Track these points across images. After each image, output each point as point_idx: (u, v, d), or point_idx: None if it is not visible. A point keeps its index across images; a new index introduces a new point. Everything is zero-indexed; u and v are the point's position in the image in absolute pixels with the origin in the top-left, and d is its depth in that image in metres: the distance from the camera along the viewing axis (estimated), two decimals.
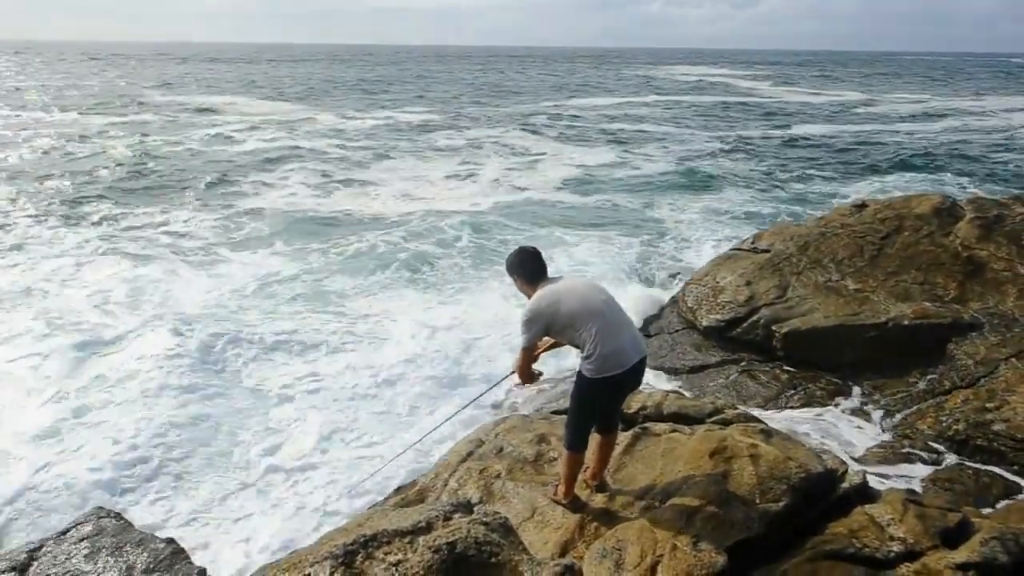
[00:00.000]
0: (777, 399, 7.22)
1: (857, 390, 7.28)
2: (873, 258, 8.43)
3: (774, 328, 7.82)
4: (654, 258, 12.70)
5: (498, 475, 4.77)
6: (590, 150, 26.12)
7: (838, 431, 6.62)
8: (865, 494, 4.35)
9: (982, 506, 5.19)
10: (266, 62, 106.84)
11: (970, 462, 6.02)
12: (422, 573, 3.10)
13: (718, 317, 8.33)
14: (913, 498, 4.29)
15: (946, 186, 19.74)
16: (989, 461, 5.97)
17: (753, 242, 9.88)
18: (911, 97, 53.31)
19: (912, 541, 3.85)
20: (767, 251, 9.23)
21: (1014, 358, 6.76)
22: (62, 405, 7.30)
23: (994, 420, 6.13)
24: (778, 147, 27.11)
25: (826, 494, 4.26)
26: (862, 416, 6.88)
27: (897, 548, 3.83)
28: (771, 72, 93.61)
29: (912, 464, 6.04)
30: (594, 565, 3.79)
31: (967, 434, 6.17)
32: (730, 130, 32.71)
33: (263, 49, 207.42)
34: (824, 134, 30.88)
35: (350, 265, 12.24)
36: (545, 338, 4.15)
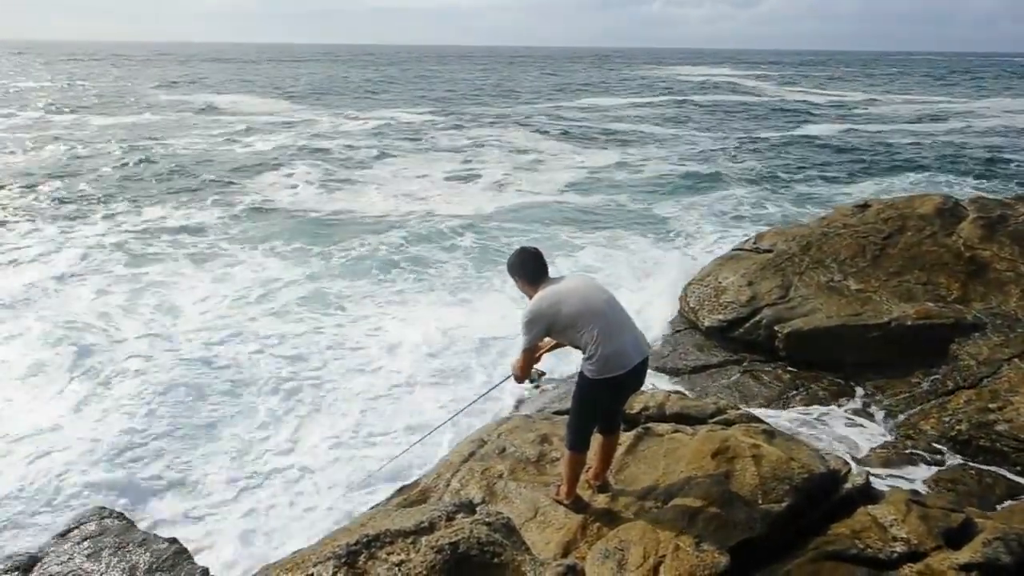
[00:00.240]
0: (779, 399, 7.22)
1: (860, 390, 7.27)
2: (876, 258, 8.42)
3: (776, 328, 7.82)
4: (658, 259, 12.68)
5: (500, 475, 4.77)
6: (592, 150, 26.11)
7: (841, 432, 6.62)
8: (868, 495, 4.35)
9: (985, 507, 5.18)
10: (267, 62, 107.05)
11: (973, 463, 6.02)
12: (425, 573, 3.10)
13: (720, 317, 8.32)
14: (916, 499, 4.29)
15: (949, 186, 19.72)
16: (992, 462, 5.97)
17: (755, 242, 9.87)
18: (912, 97, 53.25)
19: (915, 542, 3.85)
20: (769, 251, 9.22)
21: (1017, 358, 6.76)
22: (64, 404, 7.31)
23: (997, 421, 6.12)
24: (781, 147, 27.08)
25: (829, 495, 4.26)
26: (865, 416, 6.88)
27: (900, 549, 3.83)
28: (773, 72, 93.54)
29: (915, 465, 6.04)
30: (596, 565, 3.78)
31: (970, 434, 6.16)
32: (732, 130, 32.69)
33: (264, 49, 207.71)
34: (826, 134, 30.85)
35: (352, 267, 12.24)
36: (546, 339, 4.14)
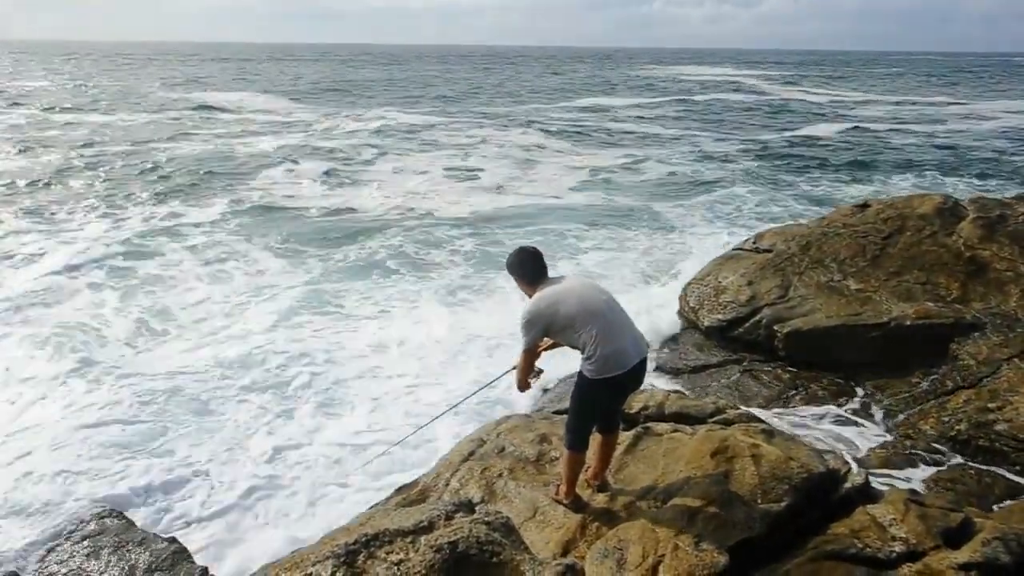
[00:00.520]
0: (779, 399, 7.22)
1: (859, 390, 7.27)
2: (875, 258, 8.42)
3: (776, 328, 7.82)
4: (659, 259, 12.68)
5: (500, 475, 4.77)
6: (593, 150, 26.11)
7: (840, 431, 6.62)
8: (867, 494, 4.35)
9: (984, 506, 5.19)
10: (267, 61, 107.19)
11: (972, 462, 6.02)
12: (424, 572, 3.10)
13: (720, 317, 8.32)
14: (915, 498, 4.29)
15: (948, 186, 19.72)
16: (991, 461, 5.97)
17: (755, 242, 9.87)
18: (913, 97, 53.25)
19: (914, 541, 3.85)
20: (769, 251, 9.22)
21: (1016, 358, 6.75)
22: (63, 404, 7.32)
23: (996, 420, 6.12)
24: (781, 147, 27.09)
25: (828, 494, 4.26)
26: (864, 416, 6.88)
27: (899, 548, 3.83)
28: (774, 72, 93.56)
29: (914, 464, 6.04)
30: (596, 565, 3.79)
31: (969, 434, 6.17)
32: (733, 130, 32.72)
33: (264, 48, 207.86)
34: (826, 134, 30.88)
35: (352, 267, 12.26)
36: (545, 339, 4.14)
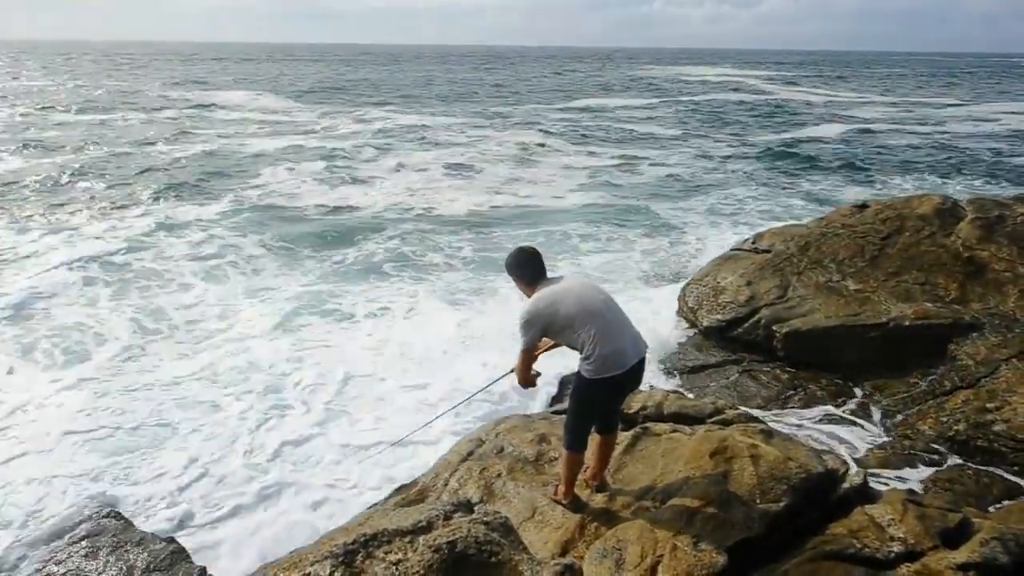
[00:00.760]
0: (778, 399, 7.22)
1: (858, 391, 7.28)
2: (874, 258, 8.42)
3: (775, 328, 7.82)
4: (659, 259, 12.68)
5: (499, 475, 4.77)
6: (594, 151, 26.11)
7: (838, 431, 6.62)
8: (865, 494, 4.35)
9: (982, 507, 5.19)
10: (268, 61, 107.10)
11: (971, 463, 6.03)
12: (422, 572, 3.10)
13: (719, 317, 8.33)
14: (913, 498, 4.29)
15: (948, 187, 19.73)
16: (990, 462, 5.98)
17: (754, 242, 9.88)
18: (913, 98, 53.26)
19: (912, 541, 3.85)
20: (768, 251, 9.23)
21: (1015, 359, 6.76)
22: (59, 404, 7.32)
23: (995, 421, 6.13)
24: (780, 147, 27.08)
25: (826, 494, 4.26)
26: (862, 416, 6.88)
27: (897, 548, 3.83)
28: (774, 72, 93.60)
29: (912, 464, 6.05)
30: (594, 565, 3.79)
31: (968, 435, 6.17)
32: (733, 130, 32.72)
33: (264, 48, 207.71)
34: (826, 135, 30.89)
35: (351, 268, 12.24)
36: (544, 339, 4.14)
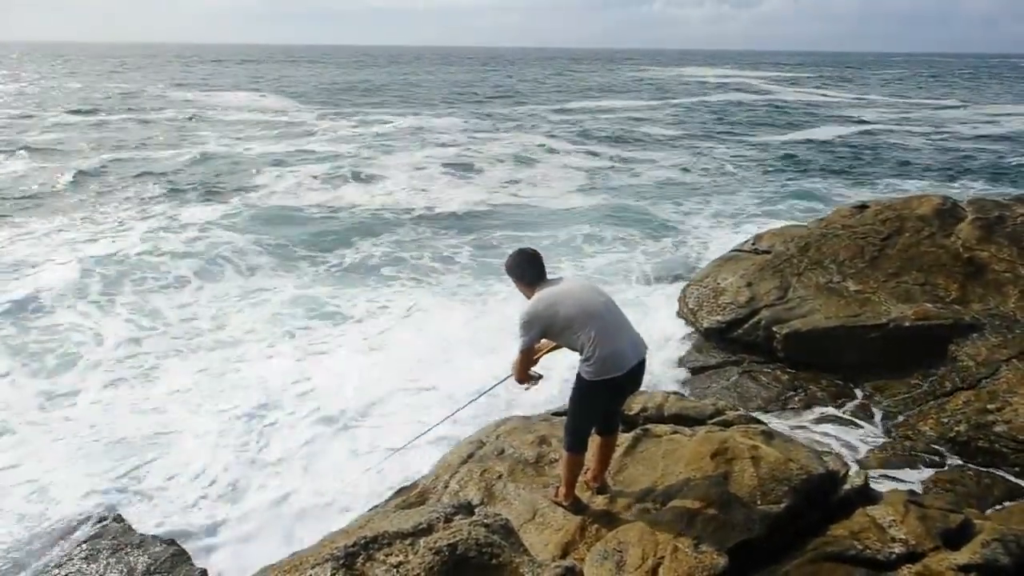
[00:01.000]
0: (778, 401, 7.22)
1: (858, 391, 7.27)
2: (874, 259, 8.42)
3: (775, 329, 7.82)
4: (659, 260, 12.67)
5: (499, 476, 4.77)
6: (595, 152, 26.09)
7: (839, 432, 6.62)
8: (866, 495, 4.35)
9: (984, 508, 5.19)
10: (267, 63, 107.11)
11: (972, 463, 6.02)
12: (423, 575, 3.09)
13: (719, 318, 8.32)
14: (914, 499, 4.29)
15: (948, 188, 19.73)
16: (991, 463, 5.97)
17: (754, 243, 9.88)
18: (913, 99, 53.28)
19: (913, 542, 3.85)
20: (768, 252, 9.23)
21: (1015, 359, 6.75)
22: (61, 406, 7.32)
23: (995, 421, 6.13)
24: (781, 148, 27.10)
25: (827, 496, 4.26)
26: (863, 417, 6.88)
27: (898, 549, 3.83)
28: (774, 73, 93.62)
29: (913, 465, 6.04)
30: (595, 567, 3.78)
31: (968, 435, 6.17)
32: (733, 131, 32.72)
33: (264, 50, 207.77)
34: (826, 136, 30.87)
35: (352, 269, 12.25)
36: (544, 340, 4.14)
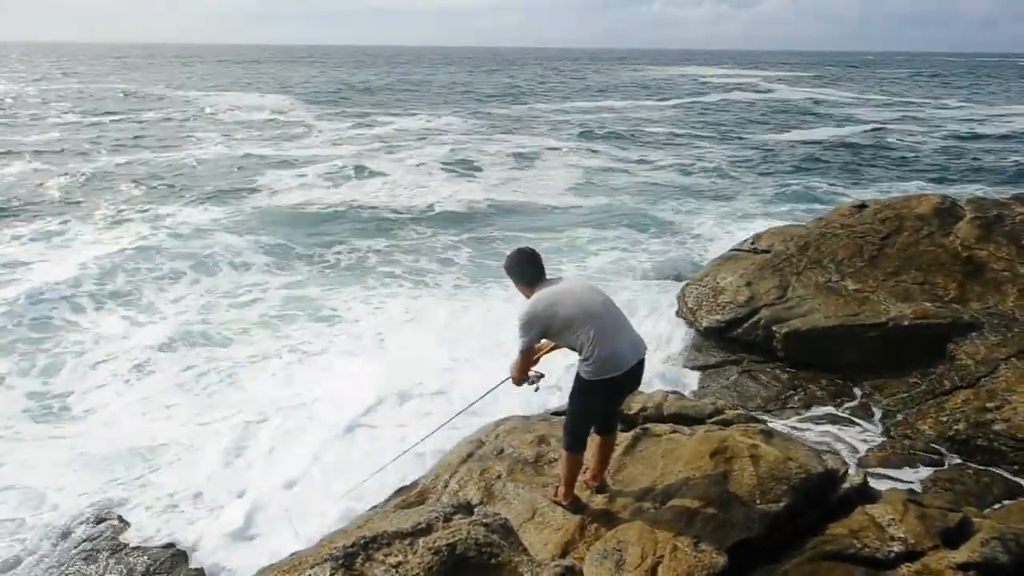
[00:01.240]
0: (777, 400, 7.22)
1: (857, 390, 7.28)
2: (873, 258, 8.42)
3: (774, 328, 7.82)
4: (659, 259, 12.67)
5: (498, 476, 4.77)
6: (596, 151, 26.09)
7: (838, 431, 6.62)
8: (866, 494, 4.35)
9: (983, 506, 5.19)
10: (267, 63, 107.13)
11: (971, 462, 6.03)
12: (422, 575, 3.09)
13: (718, 318, 8.32)
14: (914, 498, 4.29)
15: (948, 187, 19.73)
16: (990, 461, 5.97)
17: (753, 242, 9.88)
18: (912, 99, 53.26)
19: (913, 541, 3.85)
20: (767, 251, 9.24)
21: (1014, 358, 6.76)
22: (59, 406, 7.32)
23: (995, 420, 6.13)
24: (780, 148, 27.11)
25: (826, 494, 4.26)
26: (862, 416, 6.88)
27: (898, 548, 3.83)
28: (774, 73, 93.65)
29: (912, 464, 6.05)
30: (595, 566, 3.78)
31: (968, 434, 6.17)
32: (733, 131, 32.72)
33: (264, 50, 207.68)
34: (826, 135, 30.85)
35: (350, 270, 12.24)
36: (544, 340, 4.14)
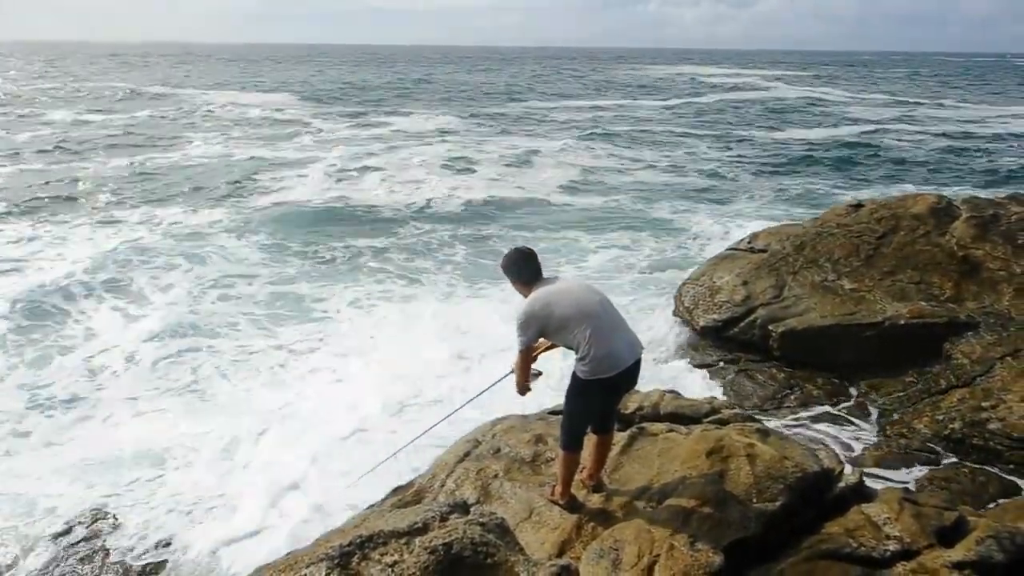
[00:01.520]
0: (774, 399, 7.23)
1: (853, 390, 7.29)
2: (869, 258, 8.44)
3: (771, 328, 7.83)
4: (656, 259, 12.68)
5: (495, 475, 4.77)
6: (595, 150, 26.09)
7: (835, 430, 6.64)
8: (861, 493, 4.36)
9: (978, 505, 5.20)
10: (267, 62, 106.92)
11: (966, 461, 6.05)
12: (418, 574, 3.09)
13: (715, 317, 8.33)
14: (909, 497, 4.30)
15: (945, 187, 19.76)
16: (985, 460, 5.99)
17: (750, 242, 9.89)
18: (911, 99, 53.28)
19: (908, 540, 3.85)
20: (764, 251, 9.24)
21: (1010, 357, 6.78)
22: (59, 407, 7.30)
23: (990, 419, 6.14)
24: (778, 148, 27.15)
25: (822, 493, 4.26)
26: (858, 415, 6.90)
27: (893, 547, 3.84)
28: (772, 72, 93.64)
29: (908, 463, 6.06)
30: (591, 565, 3.78)
31: (963, 433, 6.19)
32: (731, 130, 32.75)
33: (264, 49, 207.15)
34: (825, 135, 30.91)
35: (349, 269, 12.24)
36: (541, 339, 4.14)
